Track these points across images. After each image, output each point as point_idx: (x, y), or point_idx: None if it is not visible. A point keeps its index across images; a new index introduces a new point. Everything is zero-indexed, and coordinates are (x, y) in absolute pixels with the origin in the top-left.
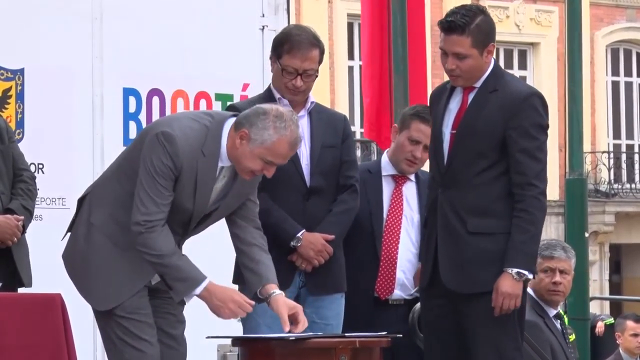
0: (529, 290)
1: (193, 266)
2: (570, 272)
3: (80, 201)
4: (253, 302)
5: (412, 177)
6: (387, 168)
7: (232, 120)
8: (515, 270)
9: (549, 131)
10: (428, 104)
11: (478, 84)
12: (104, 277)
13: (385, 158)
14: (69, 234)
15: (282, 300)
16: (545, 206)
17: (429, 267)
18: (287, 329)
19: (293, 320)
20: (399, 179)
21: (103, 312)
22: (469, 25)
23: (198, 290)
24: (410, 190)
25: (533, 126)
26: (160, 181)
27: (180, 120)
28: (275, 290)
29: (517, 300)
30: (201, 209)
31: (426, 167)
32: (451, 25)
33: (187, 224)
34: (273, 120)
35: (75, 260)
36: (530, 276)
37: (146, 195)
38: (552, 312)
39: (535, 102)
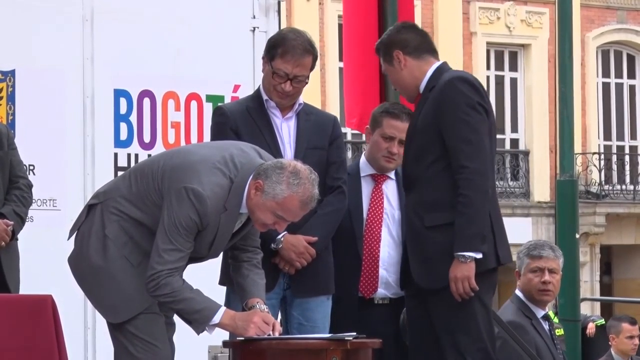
0: (517, 292)
1: (206, 297)
2: (559, 271)
3: (89, 207)
4: (272, 319)
5: (392, 174)
6: (365, 169)
7: None
8: (459, 253)
9: (540, 132)
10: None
11: (421, 89)
12: (118, 290)
13: (363, 159)
14: (73, 236)
15: (260, 313)
16: (479, 183)
17: (402, 267)
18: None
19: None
20: (379, 177)
21: None
22: (377, 47)
23: (216, 318)
24: (390, 188)
25: (459, 108)
26: (184, 233)
27: (209, 174)
28: (256, 304)
29: (470, 282)
30: (215, 254)
31: None
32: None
33: (197, 260)
34: (288, 176)
35: (89, 271)
36: (478, 255)
37: (170, 245)
38: (541, 313)
39: (457, 84)
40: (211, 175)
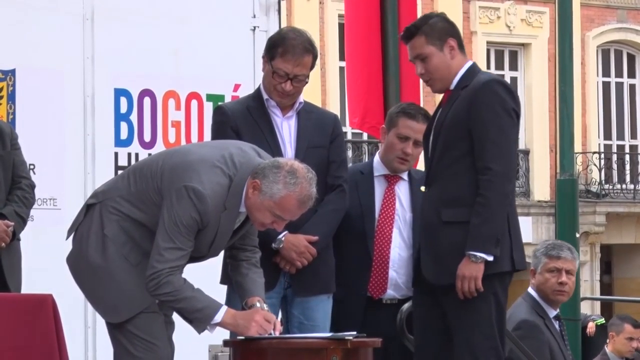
0: (531, 290)
1: (207, 296)
2: (574, 272)
3: (88, 207)
4: (273, 317)
5: (405, 175)
6: (378, 168)
7: None
8: (471, 252)
9: (540, 131)
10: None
11: (453, 85)
12: (118, 289)
13: (377, 159)
14: (72, 236)
15: (261, 312)
16: (500, 186)
17: (415, 263)
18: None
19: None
20: (391, 178)
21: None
22: (420, 27)
23: (218, 317)
24: (403, 189)
25: (492, 110)
26: (184, 232)
27: (209, 173)
28: (256, 303)
29: (477, 282)
30: (215, 253)
31: (420, 165)
32: (405, 33)
33: (197, 259)
34: (284, 175)
35: (88, 270)
36: (490, 258)
37: (171, 244)
38: (553, 313)
39: (493, 86)
40: (211, 174)
